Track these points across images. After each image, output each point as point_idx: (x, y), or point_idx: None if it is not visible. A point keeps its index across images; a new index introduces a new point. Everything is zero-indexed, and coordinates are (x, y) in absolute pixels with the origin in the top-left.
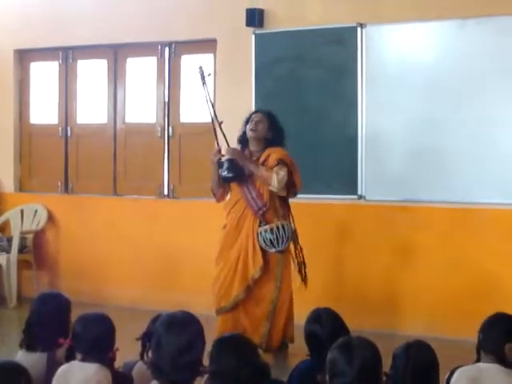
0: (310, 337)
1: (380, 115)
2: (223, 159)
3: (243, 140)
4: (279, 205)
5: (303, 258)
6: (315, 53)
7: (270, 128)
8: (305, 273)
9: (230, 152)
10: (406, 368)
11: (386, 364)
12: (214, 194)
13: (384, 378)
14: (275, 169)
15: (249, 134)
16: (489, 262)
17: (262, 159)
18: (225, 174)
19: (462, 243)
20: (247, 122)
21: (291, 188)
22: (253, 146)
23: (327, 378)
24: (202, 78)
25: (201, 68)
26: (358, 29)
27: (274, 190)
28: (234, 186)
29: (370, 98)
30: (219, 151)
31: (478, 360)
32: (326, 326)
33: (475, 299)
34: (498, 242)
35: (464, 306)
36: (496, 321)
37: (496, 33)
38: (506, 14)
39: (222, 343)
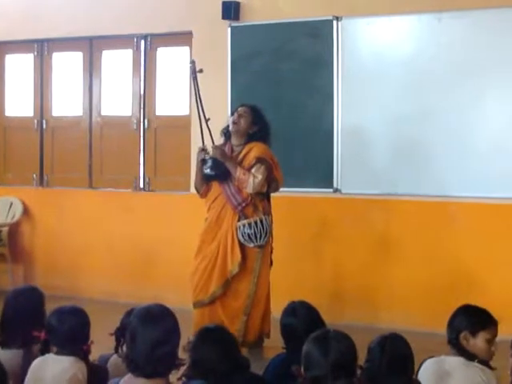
0: (286, 329)
1: (356, 108)
2: (207, 157)
3: (227, 133)
4: (259, 200)
5: (271, 260)
6: (291, 46)
7: (253, 122)
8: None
9: (213, 150)
10: (380, 361)
11: (363, 357)
12: (198, 190)
13: (359, 371)
14: (253, 171)
15: (230, 126)
16: (465, 256)
17: (242, 154)
18: (207, 171)
19: (437, 237)
20: (232, 114)
21: (272, 183)
22: (234, 140)
23: (302, 369)
24: (193, 72)
25: (193, 63)
26: (334, 22)
27: (249, 192)
28: (214, 181)
29: (346, 92)
30: (204, 149)
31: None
32: (302, 319)
33: (451, 292)
34: (474, 236)
35: (440, 299)
36: (458, 312)
37: (472, 26)
38: (482, 7)
39: (204, 334)
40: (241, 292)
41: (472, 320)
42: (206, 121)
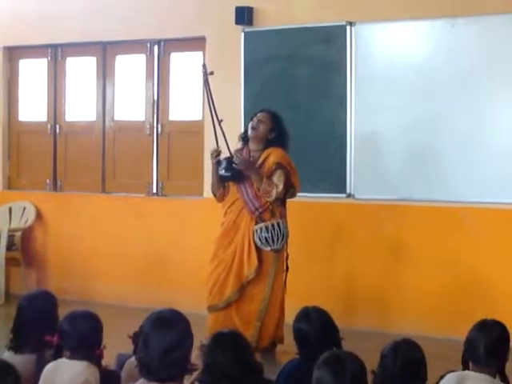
0: (299, 335)
1: (369, 114)
2: (221, 158)
3: (245, 138)
4: (276, 205)
5: (287, 265)
6: (304, 51)
7: (272, 129)
8: (285, 277)
9: (238, 162)
10: (393, 366)
11: (375, 362)
12: (215, 194)
13: (372, 376)
14: (275, 180)
15: (249, 132)
16: (478, 262)
17: (261, 160)
18: (222, 172)
19: (450, 242)
20: (251, 119)
21: (290, 189)
22: (252, 145)
23: None
24: (205, 75)
25: (204, 66)
26: (348, 27)
27: (270, 200)
28: (231, 185)
29: (360, 97)
30: (217, 151)
31: (466, 366)
32: (315, 325)
33: (464, 298)
34: (486, 241)
35: (453, 305)
36: (502, 340)
37: (486, 31)
38: (495, 12)
39: (218, 338)
40: (255, 296)
41: None
42: (219, 122)
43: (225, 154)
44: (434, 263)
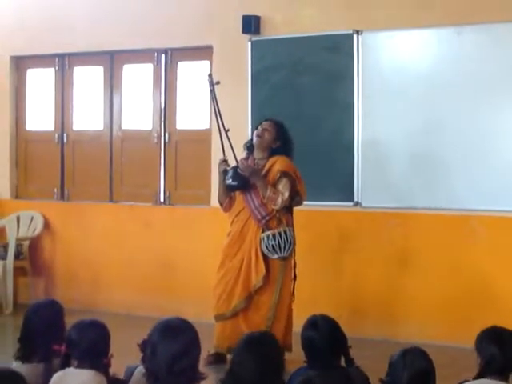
0: (307, 343)
1: (376, 122)
2: (228, 168)
3: (250, 146)
4: (283, 213)
5: (295, 274)
6: (311, 60)
7: (276, 138)
8: (293, 286)
9: (242, 168)
10: (402, 375)
11: (382, 370)
12: (221, 204)
13: None
14: (280, 187)
15: (254, 140)
16: (484, 269)
17: (266, 168)
18: (229, 182)
19: (456, 250)
20: (256, 128)
21: (296, 197)
22: (257, 154)
23: None
24: (211, 85)
25: (210, 75)
26: (354, 36)
27: (276, 208)
28: (238, 195)
29: (366, 105)
30: (225, 160)
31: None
32: (323, 333)
33: (470, 305)
34: (492, 249)
35: (461, 313)
36: (490, 336)
37: (492, 40)
38: (501, 21)
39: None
40: (263, 304)
41: None
42: (226, 131)
43: (232, 164)
44: (441, 271)
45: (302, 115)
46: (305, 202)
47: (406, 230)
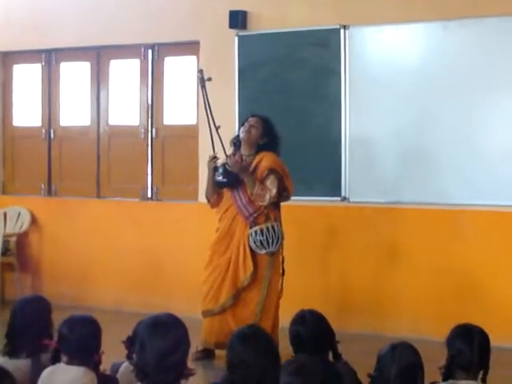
0: (295, 338)
1: (364, 117)
2: (218, 164)
3: (237, 142)
4: (271, 209)
5: (283, 269)
6: (298, 54)
7: (263, 134)
8: (282, 281)
9: (231, 164)
10: (390, 369)
11: (370, 365)
12: (209, 200)
13: (368, 380)
14: (268, 184)
15: (241, 136)
16: (473, 264)
17: (253, 164)
18: (219, 178)
19: (445, 245)
20: (243, 124)
21: (283, 193)
22: (244, 150)
23: None
24: (202, 81)
25: (201, 71)
26: (342, 30)
27: (264, 205)
28: (225, 192)
29: (354, 100)
30: (215, 157)
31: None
32: (311, 327)
33: (459, 300)
34: (481, 244)
35: (449, 308)
36: (462, 334)
37: (479, 34)
38: (488, 15)
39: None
40: (250, 300)
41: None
42: (217, 128)
43: (221, 161)
44: (429, 266)
45: (290, 110)
46: (292, 198)
47: (394, 225)
